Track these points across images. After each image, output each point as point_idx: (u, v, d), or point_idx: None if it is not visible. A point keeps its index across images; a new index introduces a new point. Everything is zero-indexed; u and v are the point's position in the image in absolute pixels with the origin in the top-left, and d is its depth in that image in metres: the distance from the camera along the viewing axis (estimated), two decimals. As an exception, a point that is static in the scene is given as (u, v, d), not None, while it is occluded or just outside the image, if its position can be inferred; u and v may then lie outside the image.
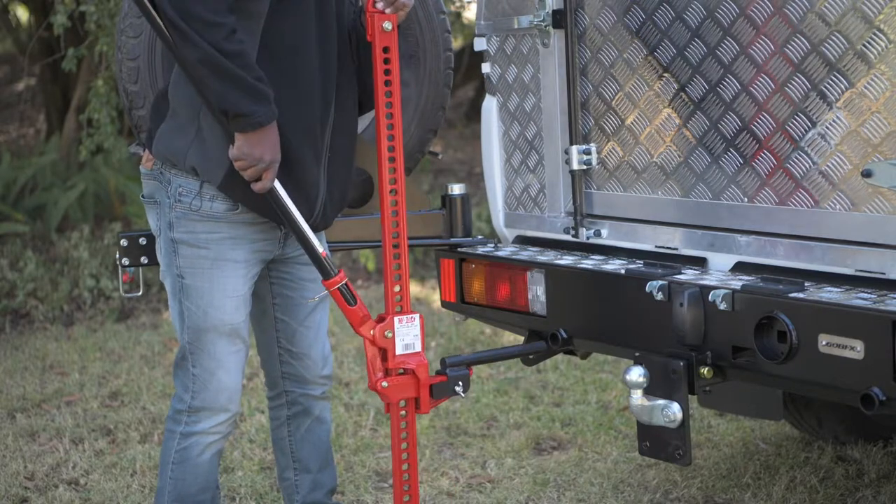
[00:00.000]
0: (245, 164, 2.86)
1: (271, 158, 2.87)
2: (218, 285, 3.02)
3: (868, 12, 2.71)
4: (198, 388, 3.07)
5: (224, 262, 3.02)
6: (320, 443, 3.35)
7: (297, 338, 3.24)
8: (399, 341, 2.98)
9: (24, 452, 4.62)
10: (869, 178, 2.75)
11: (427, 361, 3.06)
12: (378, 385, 3.00)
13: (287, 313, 3.23)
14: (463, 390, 3.15)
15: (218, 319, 3.03)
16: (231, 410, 3.10)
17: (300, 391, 3.30)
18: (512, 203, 3.71)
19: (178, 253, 3.03)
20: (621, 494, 4.01)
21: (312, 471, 3.35)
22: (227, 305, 3.03)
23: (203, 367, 3.05)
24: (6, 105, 12.30)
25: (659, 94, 3.20)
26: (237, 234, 3.03)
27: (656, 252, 3.28)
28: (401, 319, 2.98)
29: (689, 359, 2.92)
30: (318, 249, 2.97)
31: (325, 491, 3.37)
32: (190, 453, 3.10)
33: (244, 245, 3.04)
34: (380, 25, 2.92)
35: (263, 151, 2.85)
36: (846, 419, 4.19)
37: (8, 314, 6.88)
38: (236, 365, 3.08)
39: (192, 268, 3.03)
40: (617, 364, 5.32)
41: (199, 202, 2.99)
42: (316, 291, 3.13)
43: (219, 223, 3.01)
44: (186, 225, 3.02)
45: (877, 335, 2.58)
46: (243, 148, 2.85)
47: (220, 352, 3.05)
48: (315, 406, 3.32)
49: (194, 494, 3.14)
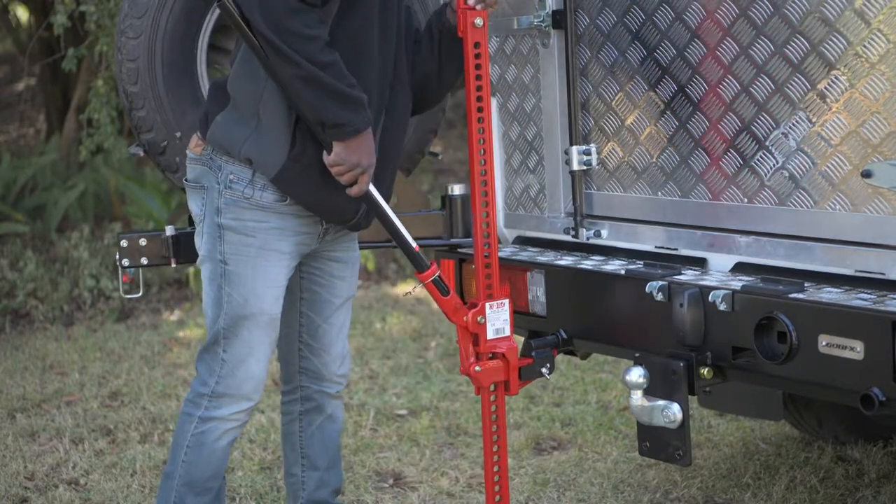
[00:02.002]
0: (343, 169, 2.92)
1: (368, 163, 2.93)
2: (261, 274, 3.05)
3: (868, 13, 2.71)
4: (224, 374, 3.09)
5: (269, 251, 3.05)
6: (330, 441, 3.36)
7: (319, 334, 3.26)
8: (490, 326, 3.08)
9: (24, 452, 4.62)
10: (869, 178, 2.75)
11: (517, 345, 3.14)
12: (471, 370, 3.09)
13: (313, 309, 3.25)
14: (549, 371, 3.25)
15: (258, 308, 3.06)
16: (253, 400, 3.13)
17: (315, 387, 3.31)
18: (512, 203, 3.71)
19: (223, 239, 3.06)
20: (621, 494, 4.01)
21: (320, 468, 3.36)
22: (268, 295, 3.06)
23: (233, 354, 3.08)
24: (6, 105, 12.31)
25: (659, 94, 3.20)
26: (285, 225, 3.05)
27: (656, 252, 3.28)
28: (492, 305, 3.08)
29: (689, 359, 2.92)
30: (412, 244, 3.04)
31: (331, 490, 3.38)
32: (207, 438, 3.12)
33: (290, 237, 3.07)
34: (471, 22, 2.98)
35: (361, 157, 2.91)
36: (846, 419, 4.19)
37: (8, 314, 6.89)
38: (266, 355, 3.12)
39: (236, 254, 3.05)
40: (617, 364, 5.32)
41: (252, 190, 3.02)
42: (345, 290, 3.25)
43: (267, 213, 3.04)
44: (235, 211, 3.04)
45: (877, 335, 2.58)
46: (341, 154, 2.90)
47: (255, 340, 3.08)
48: (329, 404, 3.34)
49: (204, 481, 3.14)
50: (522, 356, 3.21)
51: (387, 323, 6.54)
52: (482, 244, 3.07)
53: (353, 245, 3.29)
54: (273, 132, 2.98)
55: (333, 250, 3.22)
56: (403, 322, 6.57)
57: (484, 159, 3.03)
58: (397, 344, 6.09)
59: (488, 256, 3.08)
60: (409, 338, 6.23)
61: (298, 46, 2.79)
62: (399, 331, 6.39)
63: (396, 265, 7.82)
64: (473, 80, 3.01)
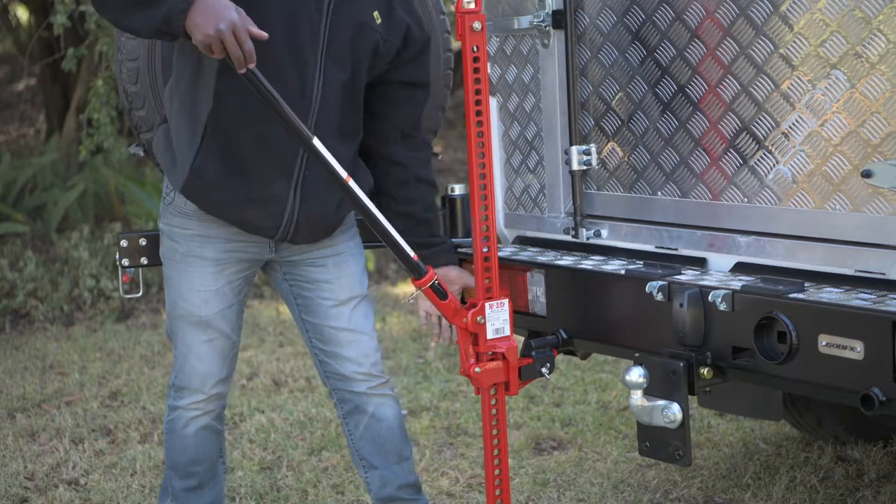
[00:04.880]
0: (212, 40, 2.68)
1: (225, 21, 2.66)
2: (185, 278, 3.13)
3: (867, 13, 2.71)
4: (177, 368, 3.23)
5: (192, 257, 3.12)
6: (382, 440, 3.29)
7: (325, 336, 3.24)
8: (490, 326, 3.08)
9: (24, 452, 4.62)
10: (869, 178, 2.75)
11: (517, 344, 3.13)
12: (471, 371, 3.08)
13: (310, 313, 3.24)
14: (549, 371, 3.24)
15: (185, 310, 3.15)
16: (205, 393, 3.20)
17: (345, 388, 3.27)
18: (512, 203, 3.71)
19: (161, 242, 3.20)
20: (621, 494, 4.01)
21: (379, 467, 3.30)
22: (194, 298, 3.13)
23: (179, 351, 3.21)
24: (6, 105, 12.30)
25: (659, 94, 3.20)
26: (208, 232, 3.10)
27: (656, 252, 3.28)
28: (491, 305, 3.07)
29: (688, 359, 2.92)
30: (408, 251, 3.00)
31: (396, 486, 3.29)
32: (175, 425, 3.25)
33: (215, 244, 3.10)
34: (469, 26, 2.96)
35: (210, 21, 2.66)
36: (846, 419, 4.19)
37: (8, 314, 6.88)
38: (208, 353, 3.17)
39: (167, 259, 3.19)
40: (617, 364, 5.33)
41: (174, 196, 3.12)
42: (337, 291, 3.21)
43: (189, 219, 3.11)
44: (166, 217, 3.16)
45: (877, 335, 2.58)
46: (197, 35, 2.69)
47: (191, 339, 3.16)
48: (367, 403, 3.26)
49: (185, 465, 3.27)
50: (522, 356, 3.21)
51: (387, 323, 6.54)
52: (481, 244, 3.07)
53: (338, 248, 3.22)
54: (180, 145, 3.05)
55: (309, 254, 3.18)
56: (403, 322, 6.57)
57: (483, 162, 3.02)
58: (397, 344, 6.09)
59: (488, 257, 3.08)
60: (409, 338, 6.23)
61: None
62: (399, 331, 6.40)
63: (396, 265, 7.82)
64: (472, 83, 3.00)
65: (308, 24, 2.95)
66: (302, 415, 4.96)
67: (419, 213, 3.25)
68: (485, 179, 3.04)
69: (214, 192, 3.03)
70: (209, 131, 3.00)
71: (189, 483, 3.27)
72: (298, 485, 4.23)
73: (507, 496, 3.19)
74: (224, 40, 2.68)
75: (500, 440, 3.16)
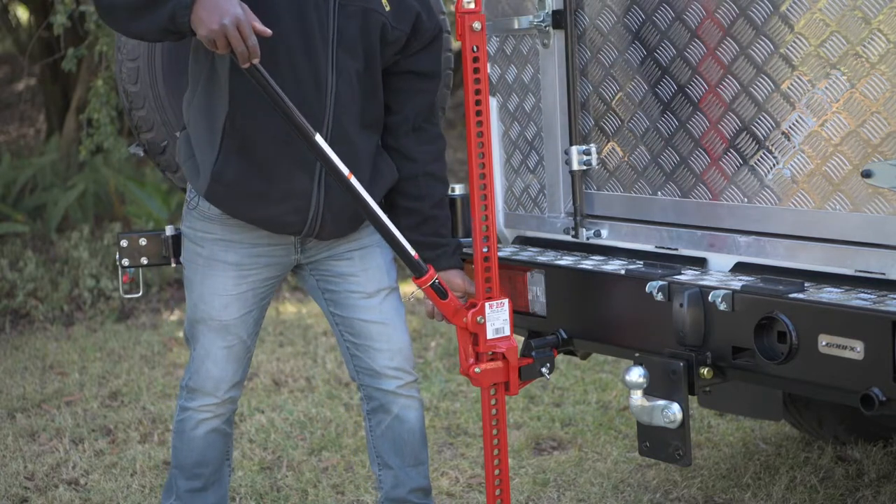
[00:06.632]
0: (216, 35, 2.69)
1: (229, 16, 2.67)
2: (207, 282, 3.11)
3: (867, 13, 2.71)
4: (193, 370, 3.20)
5: (215, 262, 3.10)
6: (401, 441, 3.27)
7: (356, 329, 3.22)
8: (490, 326, 3.09)
9: (24, 452, 4.62)
10: (869, 178, 2.75)
11: (516, 344, 3.13)
12: (471, 371, 3.08)
13: (339, 307, 3.23)
14: (549, 371, 3.23)
15: (205, 313, 3.13)
16: (217, 397, 3.19)
17: (374, 385, 3.24)
18: (512, 203, 3.71)
19: (184, 245, 3.18)
20: (621, 494, 4.01)
21: (394, 467, 3.29)
22: (216, 302, 3.11)
23: (196, 353, 3.19)
24: (6, 105, 12.30)
25: (659, 94, 3.20)
26: (232, 237, 3.09)
27: (656, 252, 3.28)
28: (491, 305, 3.08)
29: (688, 359, 2.92)
30: (409, 250, 3.01)
31: (408, 489, 3.28)
32: (184, 426, 3.24)
33: (238, 249, 3.09)
34: (469, 26, 2.96)
35: (214, 16, 2.67)
36: (846, 419, 4.19)
37: (8, 314, 6.89)
38: (225, 358, 3.15)
39: (189, 262, 3.17)
40: (617, 364, 5.33)
41: (198, 201, 3.10)
42: (365, 284, 3.20)
43: (213, 224, 3.09)
44: (190, 221, 3.15)
45: (877, 335, 2.58)
46: (201, 30, 2.70)
47: (209, 343, 3.15)
48: (393, 403, 3.23)
49: (191, 466, 3.26)
50: (522, 356, 3.21)
51: (387, 323, 6.53)
52: (481, 244, 3.07)
53: (363, 241, 3.21)
54: (200, 150, 3.04)
55: (335, 249, 3.18)
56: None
57: (483, 162, 3.03)
58: (397, 344, 6.08)
59: (488, 257, 3.08)
60: (409, 337, 6.22)
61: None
62: (399, 331, 6.38)
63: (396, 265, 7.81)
64: (472, 83, 3.00)
65: (317, 15, 2.95)
66: (302, 415, 4.96)
67: (426, 210, 3.24)
68: (485, 179, 3.04)
69: (237, 193, 3.02)
70: (227, 132, 2.99)
71: (194, 484, 3.27)
72: (298, 485, 4.23)
73: (507, 496, 3.19)
74: (228, 35, 2.69)
75: (500, 440, 3.16)
